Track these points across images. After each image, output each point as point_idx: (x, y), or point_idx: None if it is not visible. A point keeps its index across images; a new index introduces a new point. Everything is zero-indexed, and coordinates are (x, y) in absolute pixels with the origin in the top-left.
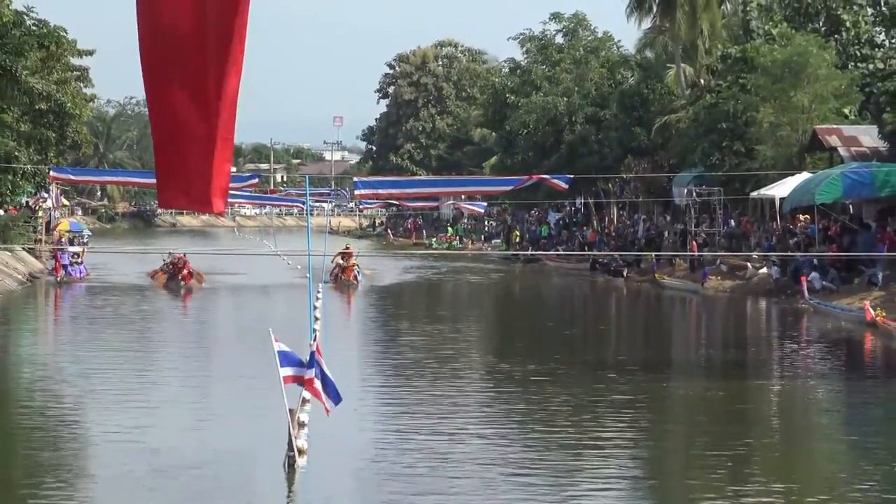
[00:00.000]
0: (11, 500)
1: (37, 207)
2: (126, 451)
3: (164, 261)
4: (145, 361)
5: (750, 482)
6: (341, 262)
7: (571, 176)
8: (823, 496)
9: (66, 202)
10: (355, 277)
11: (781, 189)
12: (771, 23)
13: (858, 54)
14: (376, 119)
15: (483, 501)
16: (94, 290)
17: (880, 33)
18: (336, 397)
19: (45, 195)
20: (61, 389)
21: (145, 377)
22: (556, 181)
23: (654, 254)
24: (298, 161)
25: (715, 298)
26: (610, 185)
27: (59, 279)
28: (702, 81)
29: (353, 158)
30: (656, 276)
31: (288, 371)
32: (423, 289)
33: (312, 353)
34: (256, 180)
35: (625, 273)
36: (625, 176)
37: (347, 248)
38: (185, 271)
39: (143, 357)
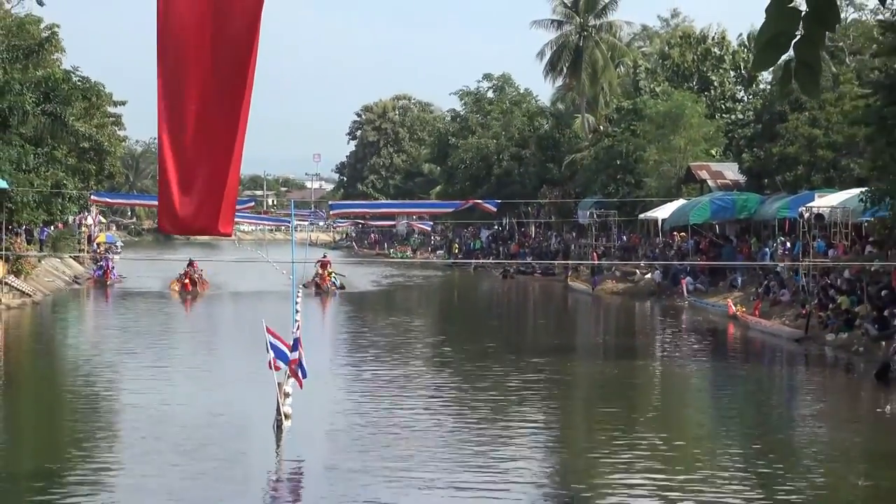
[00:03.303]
0: (58, 455)
1: (80, 224)
2: (147, 414)
3: (180, 272)
4: (162, 346)
5: (637, 441)
6: (320, 270)
7: (499, 201)
8: (695, 450)
9: (103, 220)
10: (332, 284)
11: (663, 212)
12: (655, 82)
13: (723, 107)
14: (347, 156)
15: (429, 457)
16: (125, 290)
17: (740, 91)
18: (304, 373)
19: (87, 214)
20: (98, 366)
21: (162, 358)
22: (487, 205)
23: (564, 261)
24: (286, 189)
25: (610, 297)
26: (529, 209)
27: (109, 283)
28: (601, 128)
29: (329, 186)
30: (568, 279)
31: (273, 354)
32: (384, 289)
33: (296, 340)
34: (253, 203)
35: (568, 278)
36: (541, 201)
37: (325, 257)
38: (187, 280)
39: (161, 343)
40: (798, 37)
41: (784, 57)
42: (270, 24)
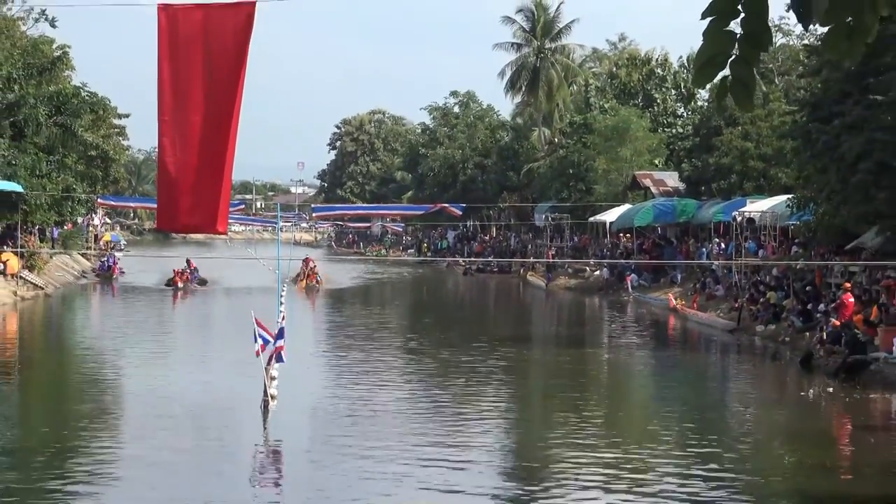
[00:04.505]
0: (65, 430)
1: (88, 224)
2: (146, 395)
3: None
4: (161, 334)
5: (587, 421)
6: (305, 268)
7: (464, 205)
8: (638, 430)
9: (108, 221)
10: (317, 281)
11: (611, 216)
12: (604, 99)
13: (665, 122)
14: (328, 164)
15: (401, 434)
16: (128, 284)
17: (680, 107)
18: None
19: (94, 215)
20: (103, 352)
21: (161, 345)
22: (453, 209)
23: (523, 260)
24: (272, 193)
25: (562, 292)
26: (491, 212)
27: (114, 277)
28: (556, 140)
29: (312, 191)
30: (527, 274)
31: (261, 343)
32: (361, 284)
33: (281, 329)
34: (243, 206)
35: (526, 274)
36: (501, 206)
37: (307, 258)
38: (175, 276)
39: (159, 331)
40: (734, 57)
41: (721, 74)
42: (258, 41)
